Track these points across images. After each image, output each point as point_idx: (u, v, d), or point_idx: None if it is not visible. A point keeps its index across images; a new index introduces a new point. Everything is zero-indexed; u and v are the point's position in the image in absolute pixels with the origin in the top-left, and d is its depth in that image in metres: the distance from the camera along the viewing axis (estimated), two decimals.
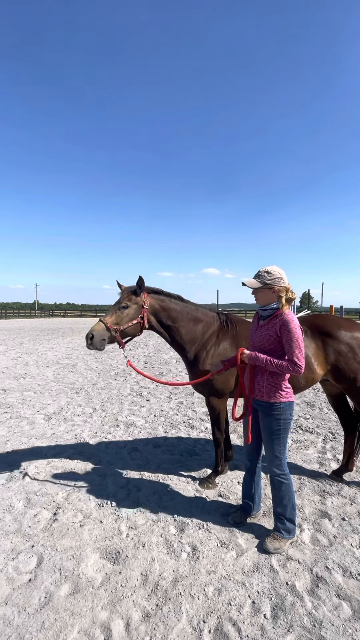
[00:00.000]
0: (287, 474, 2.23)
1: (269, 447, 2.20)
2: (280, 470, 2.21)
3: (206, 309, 3.06)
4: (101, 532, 2.39)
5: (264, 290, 2.15)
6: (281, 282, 2.13)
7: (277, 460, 2.20)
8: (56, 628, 1.69)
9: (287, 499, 2.22)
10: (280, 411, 2.13)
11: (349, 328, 2.86)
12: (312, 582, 1.96)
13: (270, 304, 2.17)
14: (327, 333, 2.83)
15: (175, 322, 2.89)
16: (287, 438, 2.20)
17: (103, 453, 3.67)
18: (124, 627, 1.70)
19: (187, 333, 2.90)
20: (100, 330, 2.65)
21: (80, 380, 7.16)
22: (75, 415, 4.95)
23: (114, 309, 2.74)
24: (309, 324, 2.92)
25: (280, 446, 2.17)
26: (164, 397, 5.96)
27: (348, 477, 3.10)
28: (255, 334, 2.24)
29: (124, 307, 2.72)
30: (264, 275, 2.13)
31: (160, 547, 2.24)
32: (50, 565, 2.09)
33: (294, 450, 3.75)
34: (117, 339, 2.71)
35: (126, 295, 2.76)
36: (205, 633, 1.67)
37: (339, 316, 3.24)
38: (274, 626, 1.70)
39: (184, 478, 3.14)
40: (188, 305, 2.98)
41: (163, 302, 2.89)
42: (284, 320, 2.08)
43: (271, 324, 2.14)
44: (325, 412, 5.16)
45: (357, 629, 1.68)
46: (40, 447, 3.82)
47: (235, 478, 3.10)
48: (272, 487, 2.26)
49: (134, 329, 2.78)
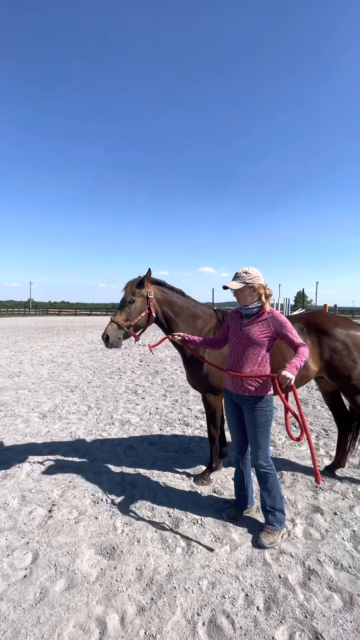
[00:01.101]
0: (272, 465, 2.31)
1: (255, 441, 2.26)
2: (267, 463, 2.28)
3: (205, 306, 3.11)
4: (96, 528, 2.41)
5: (246, 290, 2.23)
6: (259, 281, 2.23)
7: (263, 454, 2.26)
8: (52, 623, 1.70)
9: (275, 490, 2.28)
10: (266, 404, 2.22)
11: (344, 326, 2.89)
12: (304, 575, 2.00)
13: (253, 302, 2.26)
14: (323, 330, 2.86)
15: (176, 315, 2.92)
16: (271, 430, 2.28)
17: (98, 450, 3.68)
18: (119, 621, 1.72)
19: (186, 328, 2.93)
20: (114, 330, 2.72)
21: (75, 379, 7.14)
22: (70, 413, 4.95)
23: (121, 306, 2.79)
24: (305, 321, 2.95)
25: (266, 438, 2.25)
26: (159, 395, 5.98)
27: (340, 473, 3.15)
28: (240, 332, 2.27)
29: (130, 302, 2.76)
30: (244, 275, 2.21)
31: (155, 543, 2.26)
32: (46, 561, 2.10)
33: (288, 446, 3.79)
34: (132, 334, 2.77)
35: (130, 290, 2.79)
36: (200, 626, 1.70)
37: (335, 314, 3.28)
38: (267, 618, 1.73)
39: (178, 475, 3.16)
40: (189, 301, 3.02)
41: (166, 294, 2.93)
42: (273, 315, 2.20)
43: (261, 320, 2.22)
44: (318, 409, 5.22)
45: (347, 620, 1.72)
46: (35, 445, 3.82)
47: (229, 474, 3.14)
48: (260, 480, 2.31)
49: (144, 321, 2.82)
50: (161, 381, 7.03)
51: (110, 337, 2.69)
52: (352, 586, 1.92)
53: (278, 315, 2.20)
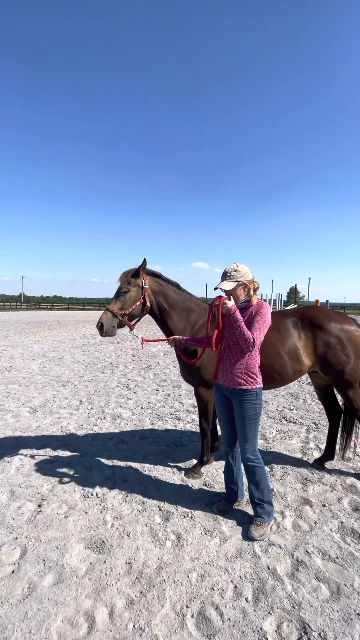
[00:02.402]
0: (260, 458, 2.32)
1: (243, 434, 2.26)
2: (254, 456, 2.29)
3: (199, 300, 3.10)
4: (86, 522, 2.40)
5: (238, 289, 2.24)
6: (248, 277, 2.25)
7: (250, 447, 2.27)
8: (39, 617, 1.69)
9: (263, 483, 2.30)
10: (255, 396, 2.23)
11: (339, 321, 2.90)
12: (292, 566, 2.02)
13: (242, 299, 2.27)
14: (317, 325, 2.86)
15: (171, 307, 2.91)
16: (259, 423, 2.29)
17: (89, 445, 3.66)
18: (108, 615, 1.72)
19: (180, 321, 2.92)
20: (108, 318, 2.74)
21: (66, 373, 7.09)
22: (61, 408, 4.91)
23: (116, 296, 2.79)
24: (300, 315, 2.95)
25: (254, 431, 2.26)
26: (152, 389, 5.97)
27: (329, 466, 3.19)
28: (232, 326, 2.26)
29: (124, 292, 2.77)
30: (234, 274, 2.22)
31: (145, 536, 2.26)
32: (34, 556, 2.08)
33: (278, 440, 3.82)
34: (125, 322, 2.78)
35: (125, 280, 2.79)
36: (188, 617, 1.70)
37: (330, 309, 3.29)
38: (255, 609, 1.75)
39: (170, 468, 3.16)
40: (184, 294, 3.02)
41: (161, 285, 2.92)
42: (259, 305, 2.21)
43: (247, 313, 2.23)
44: (309, 403, 5.27)
45: (334, 609, 1.74)
46: (25, 439, 3.78)
47: (220, 468, 3.15)
48: (248, 474, 2.32)
49: (138, 310, 2.82)
50: (153, 375, 7.02)
51: (104, 325, 2.70)
52: (339, 576, 1.94)
53: (261, 306, 2.21)
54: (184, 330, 2.92)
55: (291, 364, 2.78)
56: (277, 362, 2.75)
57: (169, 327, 2.93)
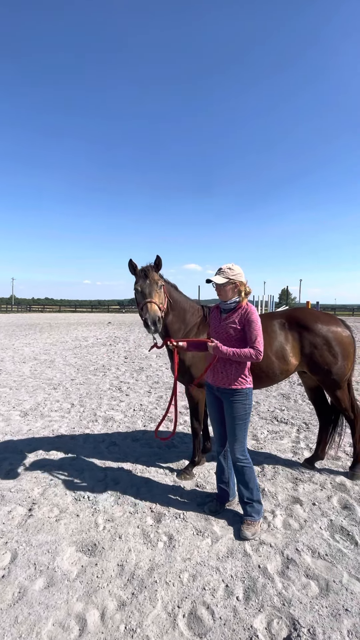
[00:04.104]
0: (249, 458, 2.35)
1: (233, 434, 2.29)
2: (244, 456, 2.32)
3: (193, 301, 3.13)
4: (77, 525, 2.39)
5: (228, 286, 2.27)
6: (241, 278, 2.28)
7: (240, 447, 2.30)
8: (30, 622, 1.68)
9: (252, 482, 2.33)
10: (245, 397, 2.27)
11: (326, 322, 2.95)
12: (282, 564, 2.04)
13: (233, 298, 2.29)
14: (304, 326, 2.91)
15: (171, 308, 2.91)
16: (249, 423, 2.33)
17: (81, 448, 3.64)
18: (100, 617, 1.72)
19: (176, 322, 2.94)
20: (157, 311, 2.54)
21: (58, 376, 7.03)
22: (52, 411, 4.87)
23: (152, 289, 2.59)
24: (288, 316, 3.00)
25: (243, 431, 2.29)
26: (144, 391, 5.97)
27: (319, 465, 3.23)
28: (219, 327, 2.33)
29: (160, 286, 2.64)
30: (227, 271, 2.26)
31: (137, 538, 2.26)
32: (25, 560, 2.07)
33: (270, 440, 3.86)
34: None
35: (157, 275, 2.68)
36: (180, 617, 1.71)
37: (318, 310, 3.34)
38: (246, 607, 1.77)
39: (162, 470, 3.17)
40: (181, 295, 3.04)
41: (168, 285, 2.92)
42: (247, 311, 2.24)
43: (235, 315, 2.27)
44: (299, 403, 5.34)
45: (323, 605, 1.77)
46: (16, 443, 3.74)
47: (212, 468, 3.17)
48: (237, 474, 2.35)
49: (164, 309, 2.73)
50: (146, 378, 7.01)
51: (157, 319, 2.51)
52: (328, 573, 1.98)
53: (251, 312, 2.24)
54: (178, 330, 2.94)
55: (278, 363, 2.83)
56: (265, 362, 2.78)
57: (166, 327, 2.93)
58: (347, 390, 2.98)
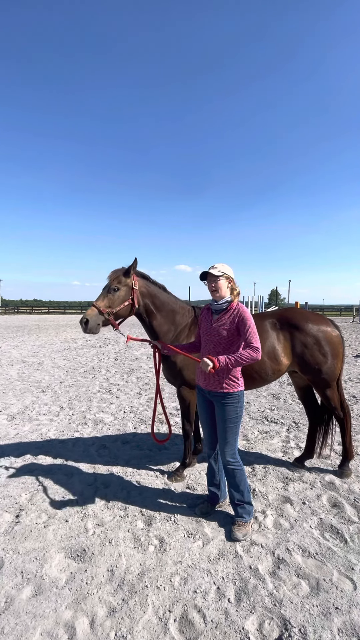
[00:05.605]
0: (240, 460, 2.34)
1: (224, 437, 2.28)
2: (234, 459, 2.31)
3: (183, 302, 3.12)
4: (66, 531, 2.34)
5: (222, 280, 2.26)
6: (232, 275, 2.30)
7: (230, 449, 2.29)
8: (17, 632, 1.63)
9: (242, 484, 2.32)
10: (237, 399, 2.26)
11: (316, 322, 2.98)
12: (273, 564, 2.04)
13: (224, 297, 2.29)
14: (295, 325, 2.93)
15: (157, 310, 2.91)
16: (240, 426, 2.32)
17: (70, 452, 3.58)
18: (89, 625, 1.68)
19: (165, 323, 2.92)
20: (94, 314, 2.65)
21: (46, 379, 6.92)
22: (40, 414, 4.78)
23: (104, 293, 2.72)
24: (279, 316, 3.02)
25: (234, 434, 2.28)
26: (134, 393, 5.92)
27: (309, 464, 3.26)
28: (210, 329, 2.30)
29: (114, 289, 2.71)
30: (220, 267, 2.27)
31: (128, 542, 2.23)
32: (12, 568, 2.01)
33: (260, 440, 3.88)
34: (111, 322, 2.71)
35: (115, 277, 2.74)
36: (171, 622, 1.69)
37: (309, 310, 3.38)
38: (238, 609, 1.76)
39: (152, 472, 3.14)
40: (170, 297, 3.03)
41: (149, 287, 2.91)
42: (239, 311, 2.23)
43: (227, 317, 2.26)
44: (289, 403, 5.38)
45: (313, 604, 1.78)
46: (2, 448, 3.65)
47: (203, 470, 3.15)
48: (228, 476, 2.34)
49: (125, 311, 2.78)
50: (136, 379, 6.96)
51: (90, 321, 2.62)
52: (318, 572, 1.98)
53: (244, 311, 2.24)
54: (168, 332, 2.92)
55: (270, 364, 2.84)
56: (257, 363, 2.79)
57: (154, 329, 2.92)
58: (336, 390, 3.02)
